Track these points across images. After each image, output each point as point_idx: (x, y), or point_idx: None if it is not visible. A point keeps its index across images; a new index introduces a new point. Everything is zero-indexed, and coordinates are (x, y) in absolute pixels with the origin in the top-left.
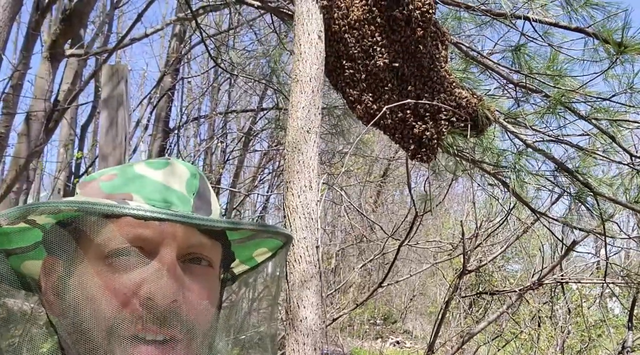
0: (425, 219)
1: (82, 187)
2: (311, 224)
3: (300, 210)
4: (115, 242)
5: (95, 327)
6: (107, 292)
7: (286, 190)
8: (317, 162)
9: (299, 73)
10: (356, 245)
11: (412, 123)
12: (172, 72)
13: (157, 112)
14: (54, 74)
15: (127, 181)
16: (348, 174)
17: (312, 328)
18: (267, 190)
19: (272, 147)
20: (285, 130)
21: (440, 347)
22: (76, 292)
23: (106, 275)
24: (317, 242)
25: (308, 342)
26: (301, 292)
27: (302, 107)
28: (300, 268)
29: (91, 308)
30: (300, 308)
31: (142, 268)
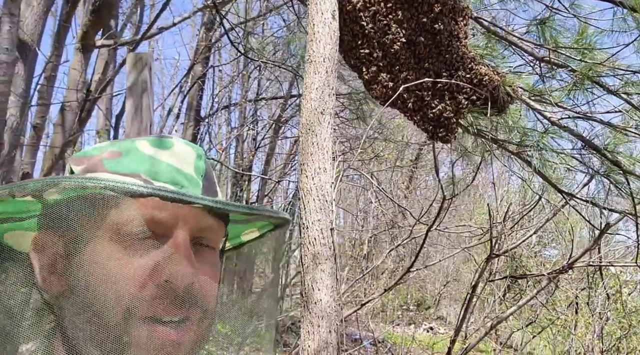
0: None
1: (79, 163)
2: (325, 206)
3: (314, 193)
4: (134, 223)
5: (112, 307)
6: (125, 273)
7: (300, 173)
8: (332, 144)
9: (312, 54)
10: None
11: (430, 102)
12: (202, 60)
13: (189, 100)
14: (86, 65)
15: (134, 161)
16: (378, 159)
17: (327, 310)
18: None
19: None
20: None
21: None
22: (89, 271)
23: (123, 256)
24: (331, 225)
25: (323, 325)
26: (315, 274)
27: (316, 88)
28: (314, 250)
29: (107, 288)
30: (315, 290)
31: (160, 251)
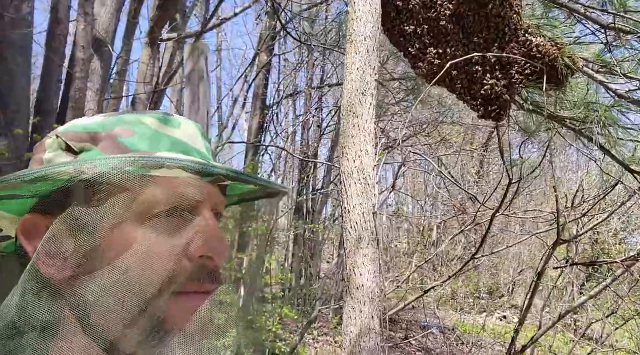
0: (533, 189)
1: (79, 140)
2: (367, 190)
3: (355, 176)
4: (167, 202)
5: (148, 286)
6: (161, 251)
7: (341, 156)
8: (374, 126)
9: (353, 33)
10: (457, 217)
11: (480, 79)
12: (266, 49)
13: (255, 90)
14: (154, 59)
15: (153, 139)
16: (446, 143)
17: (370, 296)
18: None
19: None
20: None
21: (549, 323)
22: (122, 252)
23: (158, 234)
24: (373, 209)
25: (365, 310)
26: (357, 259)
27: (357, 68)
28: (356, 234)
29: (143, 268)
30: (357, 276)
31: (193, 228)
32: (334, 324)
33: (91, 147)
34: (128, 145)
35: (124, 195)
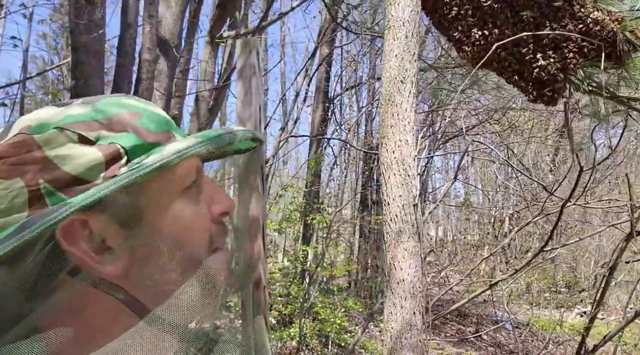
0: (614, 177)
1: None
2: (407, 181)
3: (394, 167)
4: (191, 175)
5: (194, 256)
6: (198, 222)
7: (381, 146)
8: (414, 115)
9: (391, 18)
10: (530, 208)
11: (530, 59)
12: (327, 42)
13: (317, 83)
14: (215, 57)
15: (155, 119)
16: (516, 130)
17: (411, 291)
18: (427, 153)
19: (432, 108)
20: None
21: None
22: (174, 230)
23: (191, 206)
24: (414, 200)
25: (406, 306)
26: (397, 252)
27: (395, 55)
28: (396, 227)
29: (188, 240)
30: (397, 270)
31: (206, 193)
32: None
33: (108, 133)
34: (146, 127)
35: (164, 176)
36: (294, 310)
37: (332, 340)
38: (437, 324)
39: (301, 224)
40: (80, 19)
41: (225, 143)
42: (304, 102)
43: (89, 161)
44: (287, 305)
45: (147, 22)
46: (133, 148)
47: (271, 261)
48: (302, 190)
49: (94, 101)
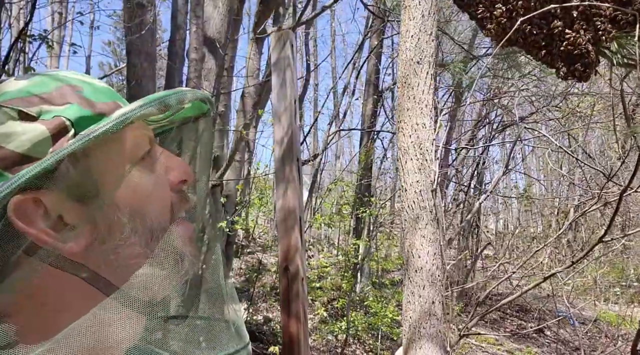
0: None
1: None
2: (425, 166)
3: (411, 152)
4: (143, 144)
5: (158, 225)
6: (156, 191)
7: (397, 131)
8: (432, 97)
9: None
10: (598, 198)
11: (559, 33)
12: (376, 33)
13: (367, 76)
14: (259, 53)
15: (103, 91)
16: (577, 116)
17: (430, 280)
18: (485, 142)
19: (488, 97)
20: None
21: None
22: (134, 202)
23: (148, 176)
24: (432, 186)
25: (424, 295)
26: (414, 240)
27: (411, 35)
28: (413, 214)
29: (150, 211)
30: (415, 257)
31: (161, 161)
32: (457, 311)
33: (50, 107)
34: (90, 98)
35: (114, 146)
36: (345, 303)
37: (383, 334)
38: (497, 318)
39: (352, 217)
40: (132, 22)
41: (172, 103)
42: (352, 95)
43: (34, 137)
44: (339, 299)
45: (193, 23)
46: (79, 119)
47: (323, 255)
48: (352, 184)
49: (29, 77)
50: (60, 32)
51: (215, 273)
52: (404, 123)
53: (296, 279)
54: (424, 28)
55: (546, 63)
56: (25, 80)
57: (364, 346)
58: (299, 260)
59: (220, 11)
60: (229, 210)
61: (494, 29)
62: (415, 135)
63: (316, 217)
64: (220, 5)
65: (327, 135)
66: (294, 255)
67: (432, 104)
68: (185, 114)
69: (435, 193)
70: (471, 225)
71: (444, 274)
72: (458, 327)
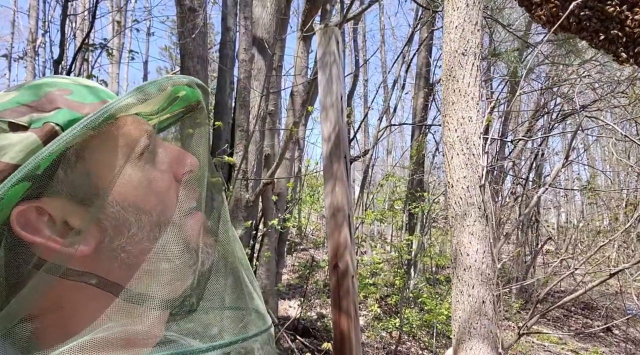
0: None
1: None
2: (472, 161)
3: (457, 147)
4: (142, 139)
5: (166, 221)
6: (160, 185)
7: (443, 125)
8: (478, 89)
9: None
10: None
11: (617, 14)
12: (426, 24)
13: (417, 69)
14: (307, 51)
15: (92, 91)
16: None
17: (479, 278)
18: (543, 133)
19: (546, 86)
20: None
21: None
22: (138, 199)
23: (151, 171)
24: (480, 181)
25: (474, 294)
26: (462, 237)
27: (455, 26)
28: (461, 211)
29: (157, 207)
30: (463, 256)
31: (163, 153)
32: (516, 308)
33: (40, 115)
34: (78, 101)
35: (109, 143)
36: (398, 300)
37: (438, 331)
38: (560, 316)
39: (404, 213)
40: (184, 27)
41: (151, 91)
42: (402, 89)
43: (26, 146)
44: (392, 296)
45: (242, 24)
46: (68, 123)
47: (376, 251)
48: (404, 179)
49: (19, 86)
50: (120, 39)
51: (232, 258)
52: (449, 117)
53: (346, 276)
54: (468, 18)
55: (603, 48)
56: (14, 92)
57: (419, 343)
58: (349, 258)
59: (269, 11)
60: (281, 208)
61: (544, 15)
62: (461, 129)
63: (368, 213)
64: (268, 6)
65: (377, 131)
66: (344, 252)
67: (478, 97)
68: (182, 105)
69: (484, 189)
70: (530, 219)
71: (494, 273)
72: (518, 325)
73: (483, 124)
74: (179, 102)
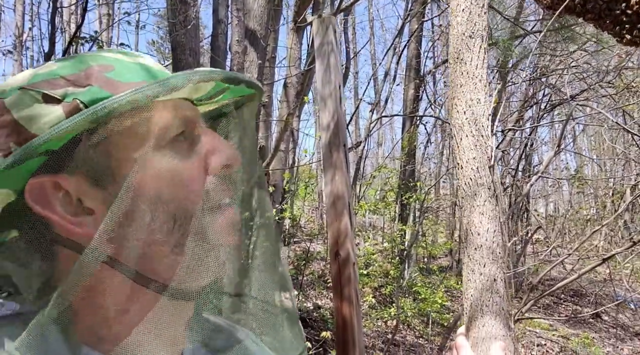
0: None
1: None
2: (481, 142)
3: (466, 128)
4: (174, 126)
5: (188, 211)
6: (188, 175)
7: (451, 108)
8: (486, 72)
9: None
10: None
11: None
12: (416, 16)
13: (407, 60)
14: (300, 43)
15: (132, 69)
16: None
17: (490, 257)
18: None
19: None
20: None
21: None
22: (156, 187)
23: (179, 160)
24: (489, 162)
25: (485, 272)
26: (473, 217)
27: (462, 9)
28: (471, 191)
29: (179, 196)
30: (474, 235)
31: (203, 144)
32: None
33: (75, 89)
34: (116, 79)
35: (136, 128)
36: (393, 290)
37: (433, 320)
38: (550, 303)
39: (397, 204)
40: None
41: (178, 84)
42: (393, 81)
43: (52, 120)
44: (387, 286)
45: (234, 15)
46: (94, 101)
47: (370, 242)
48: (396, 170)
49: (69, 58)
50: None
51: (267, 261)
52: (458, 99)
53: (347, 263)
54: (475, 1)
55: (608, 29)
56: (60, 62)
57: (414, 332)
58: (350, 245)
59: (260, 3)
60: (276, 199)
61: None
62: (470, 111)
63: (361, 204)
64: None
65: (370, 123)
66: (344, 240)
67: (486, 79)
68: (234, 95)
69: (493, 169)
70: (520, 209)
71: (505, 252)
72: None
73: (491, 106)
74: (228, 92)
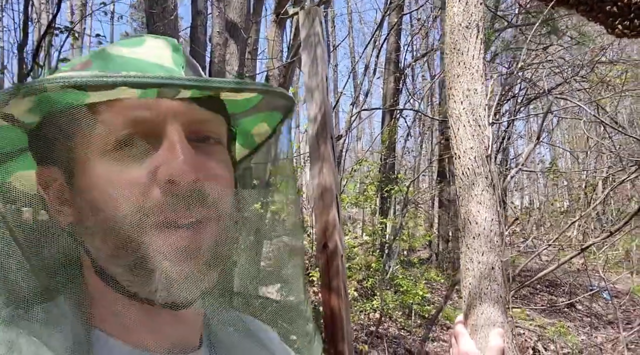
0: None
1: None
2: (478, 132)
3: (464, 118)
4: (118, 129)
5: (121, 222)
6: (126, 183)
7: (448, 99)
8: (482, 62)
9: None
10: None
11: None
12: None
13: (387, 54)
14: (281, 34)
15: (106, 64)
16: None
17: (488, 245)
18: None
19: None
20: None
21: None
22: (90, 192)
23: (120, 167)
24: (486, 152)
25: (484, 260)
26: (471, 207)
27: (459, 0)
28: (468, 181)
29: (113, 204)
30: (472, 224)
31: (155, 152)
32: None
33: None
34: (70, 69)
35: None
36: (374, 282)
37: (415, 312)
38: (526, 294)
39: (377, 197)
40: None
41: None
42: (373, 74)
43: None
44: (368, 278)
45: (215, 6)
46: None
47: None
48: (377, 163)
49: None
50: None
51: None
52: (455, 90)
53: (335, 255)
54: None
55: (599, 21)
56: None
57: (396, 324)
58: (338, 237)
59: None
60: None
61: None
62: (467, 101)
63: (343, 197)
64: None
65: (351, 116)
66: (332, 231)
67: (482, 69)
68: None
69: (490, 159)
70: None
71: (502, 240)
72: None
73: (487, 96)
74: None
